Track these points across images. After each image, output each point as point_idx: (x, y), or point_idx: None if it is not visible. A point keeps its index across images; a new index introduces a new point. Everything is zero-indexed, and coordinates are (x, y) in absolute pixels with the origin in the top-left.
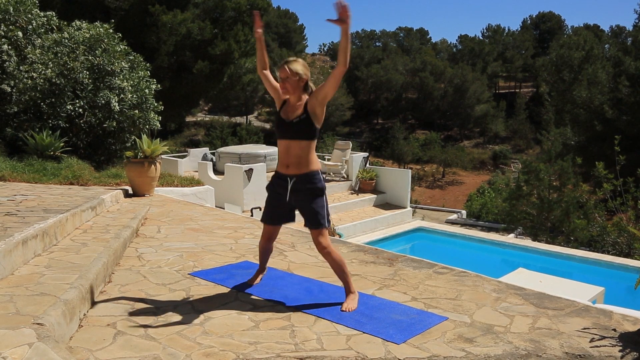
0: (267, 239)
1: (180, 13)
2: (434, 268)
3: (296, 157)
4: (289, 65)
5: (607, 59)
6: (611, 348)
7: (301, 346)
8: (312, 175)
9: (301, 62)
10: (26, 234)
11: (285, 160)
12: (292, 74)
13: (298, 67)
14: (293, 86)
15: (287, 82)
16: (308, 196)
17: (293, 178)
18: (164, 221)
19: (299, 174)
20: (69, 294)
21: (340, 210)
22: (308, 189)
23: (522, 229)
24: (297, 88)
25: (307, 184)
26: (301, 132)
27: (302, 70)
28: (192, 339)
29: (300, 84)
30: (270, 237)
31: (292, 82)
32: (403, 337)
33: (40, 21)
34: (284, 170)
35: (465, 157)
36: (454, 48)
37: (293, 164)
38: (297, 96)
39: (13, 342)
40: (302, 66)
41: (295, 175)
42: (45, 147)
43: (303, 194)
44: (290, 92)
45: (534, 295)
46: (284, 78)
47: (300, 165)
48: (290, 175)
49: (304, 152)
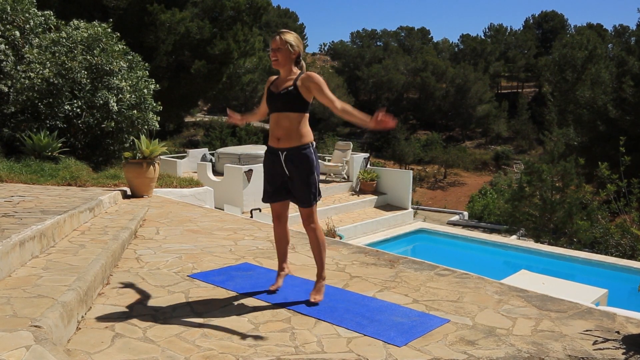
0: (277, 219)
1: (178, 12)
2: (435, 270)
3: (286, 130)
4: (281, 36)
5: (610, 58)
6: (614, 351)
7: (301, 349)
8: (303, 147)
9: (295, 34)
10: (23, 235)
11: (275, 132)
12: (283, 44)
13: (291, 38)
14: (284, 57)
15: (278, 52)
16: (299, 172)
17: (284, 151)
18: (163, 222)
19: (289, 147)
20: (67, 296)
21: (340, 212)
22: (298, 164)
23: (524, 230)
24: (288, 59)
25: (298, 158)
26: (290, 104)
27: (294, 42)
28: (191, 341)
29: (292, 56)
30: (279, 216)
31: (283, 52)
32: (404, 340)
33: (38, 20)
34: (275, 143)
35: (467, 158)
36: (455, 48)
37: (283, 137)
38: (288, 69)
39: (10, 344)
40: (295, 38)
41: (286, 149)
42: (42, 147)
43: (294, 168)
44: (280, 64)
45: (537, 298)
46: (275, 48)
47: (290, 138)
48: (281, 148)
49: (293, 125)
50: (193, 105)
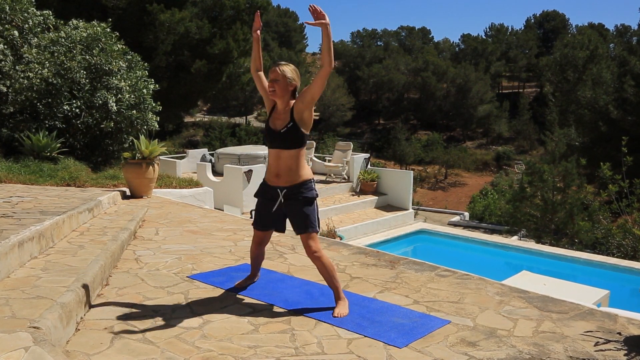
0: (257, 244)
1: (178, 12)
2: (436, 271)
3: (286, 167)
4: (280, 67)
5: (612, 58)
6: (616, 352)
7: (301, 350)
8: (303, 185)
9: (292, 67)
10: (22, 236)
11: (275, 169)
12: (281, 76)
13: (288, 70)
14: (281, 89)
15: (276, 84)
16: (299, 203)
17: (284, 189)
18: (162, 223)
19: (290, 185)
20: (66, 297)
21: (341, 212)
22: (299, 197)
23: (525, 231)
24: (286, 92)
25: (298, 194)
26: (290, 141)
27: (291, 75)
28: (191, 342)
29: (289, 89)
30: (261, 242)
31: (281, 84)
32: (405, 341)
33: (37, 20)
34: (275, 180)
35: (468, 158)
36: (456, 47)
37: (284, 174)
38: (285, 101)
39: (9, 346)
40: (293, 71)
41: (286, 187)
42: (41, 148)
43: (294, 202)
44: (278, 95)
45: (538, 299)
46: (274, 79)
47: (291, 176)
48: (281, 186)
49: (293, 162)
50: (192, 106)
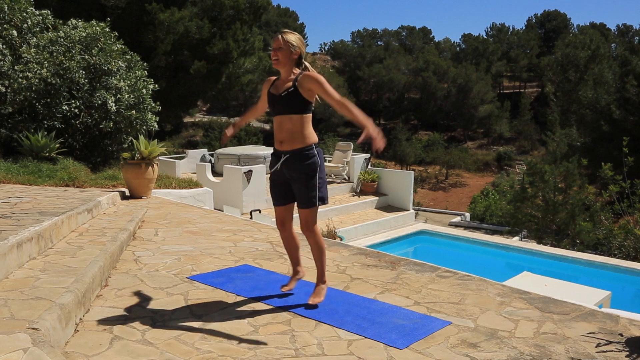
0: (280, 224)
1: (177, 11)
2: (437, 272)
3: (288, 132)
4: (283, 36)
5: (613, 58)
6: (618, 353)
7: (301, 351)
8: (305, 150)
9: (297, 35)
10: (21, 237)
11: (279, 135)
12: (285, 44)
13: (292, 38)
14: (285, 56)
15: (279, 51)
16: (300, 175)
17: (286, 154)
18: (162, 224)
19: (292, 149)
20: (65, 298)
21: (341, 213)
22: (300, 167)
23: (526, 231)
24: (289, 60)
25: (300, 161)
26: (291, 106)
27: (296, 42)
28: (191, 344)
29: (293, 57)
30: (282, 221)
31: (284, 52)
32: (405, 342)
33: (35, 20)
34: (279, 146)
35: (469, 159)
36: (457, 47)
37: (286, 140)
38: (288, 69)
39: (7, 347)
40: (297, 39)
41: (288, 152)
42: (40, 148)
43: (295, 171)
44: (281, 63)
45: (539, 300)
46: (276, 48)
47: (293, 141)
48: (284, 151)
49: (296, 127)
50: (192, 106)
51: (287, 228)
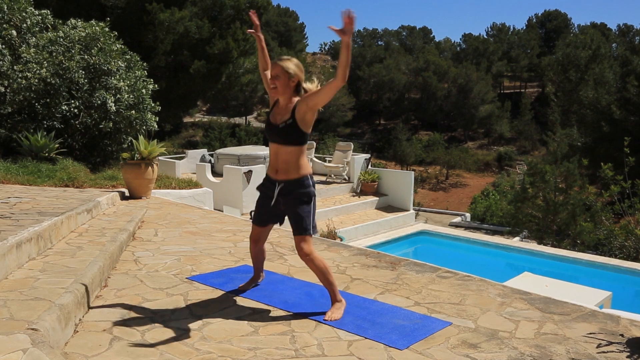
0: (254, 241)
1: (177, 11)
2: (437, 272)
3: (284, 163)
4: (280, 63)
5: (614, 58)
6: (618, 354)
7: (302, 352)
8: (300, 181)
9: (295, 61)
10: (20, 237)
11: (274, 164)
12: (282, 72)
13: (290, 65)
14: (283, 85)
15: (276, 80)
16: (295, 202)
17: (281, 184)
18: (161, 224)
19: (287, 179)
20: (64, 299)
21: (341, 213)
22: (295, 195)
23: (527, 232)
24: (287, 88)
25: (295, 190)
26: (288, 138)
27: (293, 70)
28: (190, 344)
29: (291, 85)
30: (257, 239)
31: (282, 81)
32: (406, 343)
33: (35, 20)
34: (273, 174)
35: (470, 159)
36: (457, 47)
37: (282, 169)
38: (287, 97)
39: (7, 347)
40: (295, 66)
41: (283, 181)
42: (39, 148)
43: (290, 199)
44: (279, 92)
45: (540, 300)
46: (274, 76)
47: (288, 171)
48: (279, 180)
49: (292, 158)
50: (192, 106)
51: (259, 245)
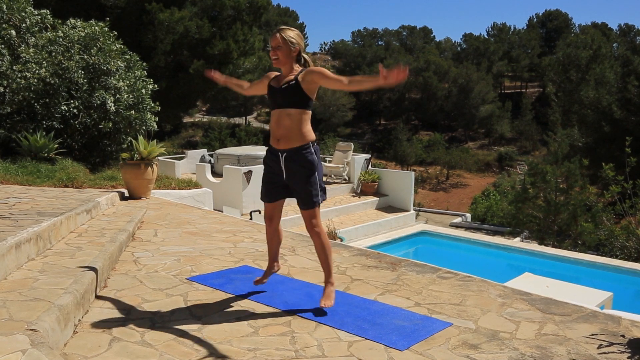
0: (269, 219)
1: (177, 11)
2: (437, 273)
3: (286, 129)
4: (281, 33)
5: (615, 58)
6: (620, 355)
7: (302, 353)
8: (304, 148)
9: (296, 31)
10: (19, 237)
11: (276, 132)
12: (284, 42)
13: (291, 34)
14: (284, 54)
15: (278, 50)
16: (299, 172)
17: (284, 153)
18: (161, 225)
19: (290, 148)
20: (64, 299)
21: (341, 214)
22: (300, 166)
23: (528, 232)
24: (289, 57)
25: (298, 159)
26: (291, 99)
27: (294, 39)
28: (190, 345)
29: (293, 54)
30: (271, 217)
31: (283, 50)
32: (406, 344)
33: (34, 19)
34: (275, 144)
35: (470, 159)
36: (458, 47)
37: (283, 137)
38: (289, 67)
39: (6, 348)
40: (296, 35)
41: (286, 150)
42: (39, 148)
43: (295, 170)
44: (281, 62)
45: (541, 301)
46: (275, 46)
47: (290, 139)
48: (281, 150)
49: (294, 123)
50: (192, 106)
51: (274, 223)
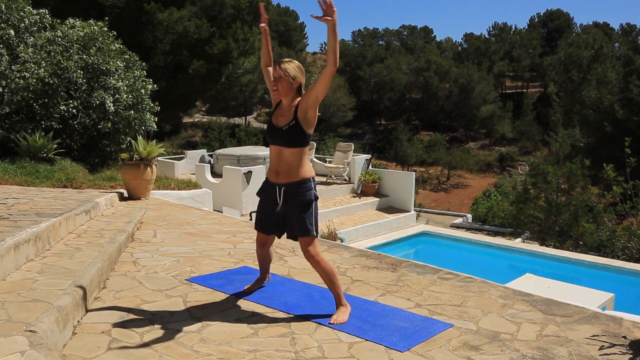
0: (260, 245)
1: (176, 11)
2: (438, 274)
3: (286, 165)
4: (282, 65)
5: (617, 57)
6: (621, 356)
7: (302, 354)
8: (303, 183)
9: (296, 63)
10: (18, 238)
11: (276, 166)
12: (284, 74)
13: (291, 67)
14: (285, 88)
15: (279, 82)
16: (298, 205)
17: (282, 187)
18: (160, 225)
19: (289, 182)
20: (63, 300)
21: (342, 214)
22: (298, 199)
23: (529, 233)
24: (290, 90)
25: (298, 193)
26: (291, 139)
27: (295, 73)
28: (189, 346)
29: (293, 87)
30: (264, 244)
31: (284, 83)
32: (407, 345)
33: (33, 19)
34: (274, 178)
35: (471, 159)
36: (459, 47)
37: (283, 172)
38: (290, 99)
39: (5, 349)
40: (297, 68)
41: (284, 184)
42: (37, 149)
43: (293, 203)
44: (281, 94)
45: (542, 302)
46: (277, 78)
47: (290, 174)
48: (280, 183)
49: (294, 160)
50: (191, 106)
51: (266, 248)
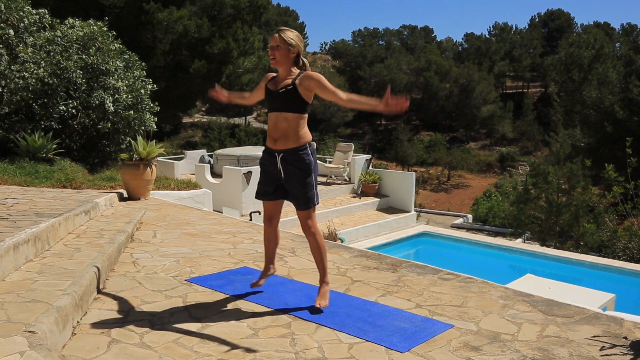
0: (268, 219)
1: (176, 10)
2: (439, 274)
3: (283, 131)
4: (280, 34)
5: (618, 57)
6: (622, 357)
7: (302, 355)
8: (300, 149)
9: (295, 32)
10: (17, 238)
11: (273, 133)
12: (282, 42)
13: (290, 35)
14: (282, 55)
15: (276, 50)
16: (296, 173)
17: (281, 153)
18: (160, 226)
19: (286, 148)
20: (62, 301)
21: (342, 214)
22: (296, 166)
23: (530, 233)
24: (287, 58)
25: (295, 160)
26: (288, 104)
27: (294, 40)
28: (189, 347)
29: (291, 55)
30: (270, 217)
31: (281, 50)
32: (407, 346)
33: (33, 19)
34: (272, 144)
35: (471, 160)
36: (459, 47)
37: (281, 138)
38: (287, 68)
39: (4, 350)
40: (295, 36)
41: (282, 151)
42: (37, 149)
43: (291, 170)
44: (279, 62)
45: (543, 302)
46: (274, 46)
47: (287, 140)
48: (278, 150)
49: (291, 126)
50: (191, 106)
51: (273, 224)
